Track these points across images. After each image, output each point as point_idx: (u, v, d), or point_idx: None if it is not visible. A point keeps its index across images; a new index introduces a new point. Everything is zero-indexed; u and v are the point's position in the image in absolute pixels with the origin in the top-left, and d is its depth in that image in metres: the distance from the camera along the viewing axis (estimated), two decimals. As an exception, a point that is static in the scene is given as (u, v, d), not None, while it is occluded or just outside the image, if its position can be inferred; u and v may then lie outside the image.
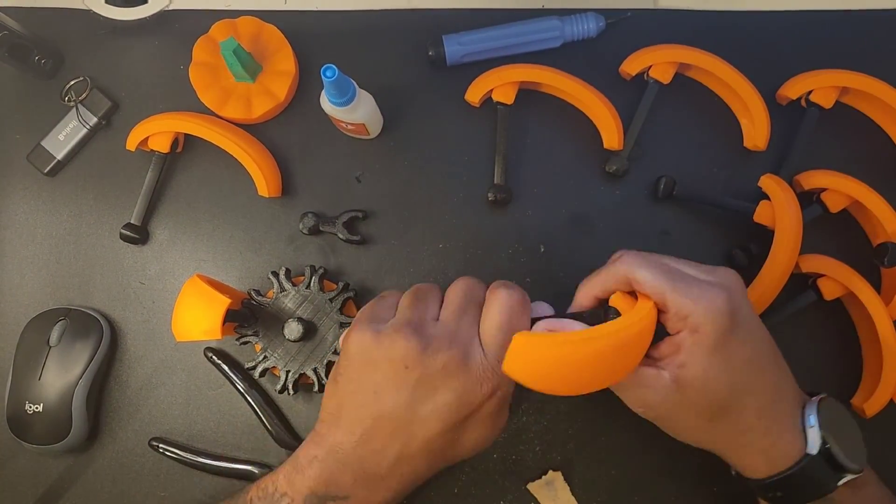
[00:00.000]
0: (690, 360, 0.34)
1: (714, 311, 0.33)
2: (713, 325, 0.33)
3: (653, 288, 0.34)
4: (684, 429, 0.38)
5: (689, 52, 0.49)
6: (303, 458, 0.37)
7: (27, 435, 0.47)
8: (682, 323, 0.34)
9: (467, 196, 0.51)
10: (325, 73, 0.42)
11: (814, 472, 0.36)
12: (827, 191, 0.48)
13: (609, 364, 0.34)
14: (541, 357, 0.33)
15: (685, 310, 0.34)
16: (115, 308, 0.51)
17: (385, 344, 0.36)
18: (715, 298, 0.34)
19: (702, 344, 0.34)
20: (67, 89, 0.53)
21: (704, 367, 0.34)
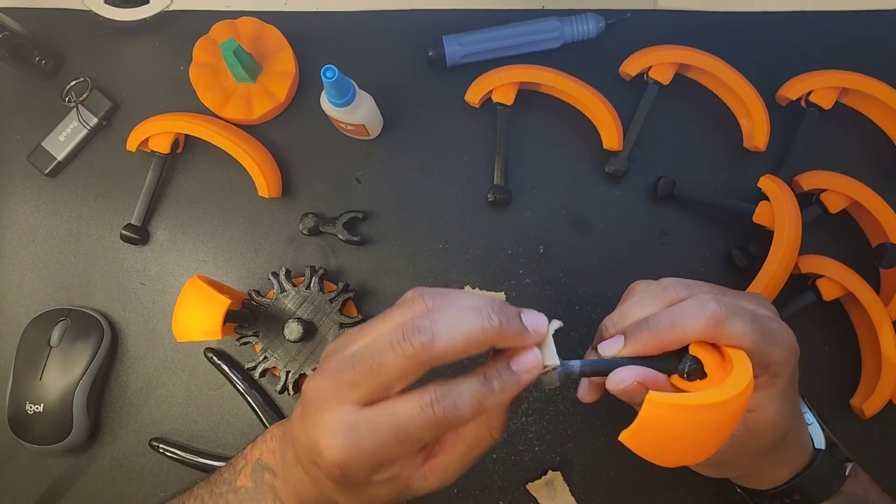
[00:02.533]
0: (765, 404, 0.33)
1: (792, 354, 0.33)
2: (790, 368, 0.33)
3: (747, 340, 0.30)
4: (733, 466, 0.37)
5: (689, 52, 0.49)
6: (271, 428, 0.37)
7: (28, 435, 0.48)
8: (763, 370, 0.32)
9: (467, 196, 0.51)
10: (325, 74, 0.42)
11: (826, 466, 0.37)
12: (826, 191, 0.48)
13: (725, 429, 0.30)
14: (667, 423, 0.28)
15: (770, 357, 0.31)
16: (116, 308, 0.51)
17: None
18: (790, 340, 0.32)
19: (778, 388, 0.33)
20: (68, 90, 0.53)
21: (777, 410, 0.33)
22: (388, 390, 0.28)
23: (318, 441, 0.28)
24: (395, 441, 0.28)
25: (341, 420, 0.28)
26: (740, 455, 0.35)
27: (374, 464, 0.29)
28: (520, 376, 0.29)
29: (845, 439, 0.47)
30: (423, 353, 0.27)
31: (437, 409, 0.28)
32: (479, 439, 0.31)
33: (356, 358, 0.29)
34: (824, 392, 0.48)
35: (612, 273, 0.50)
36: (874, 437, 0.47)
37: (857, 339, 0.49)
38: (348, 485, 0.30)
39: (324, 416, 0.29)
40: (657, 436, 0.29)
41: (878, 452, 0.48)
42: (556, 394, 0.49)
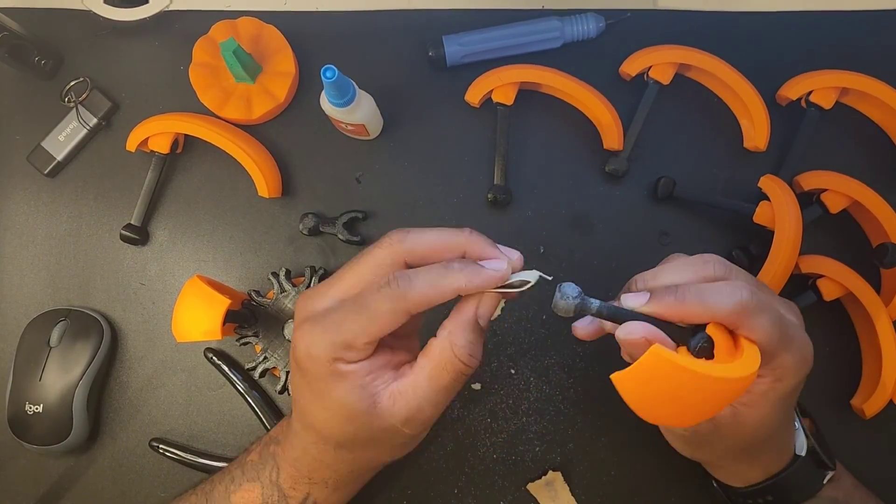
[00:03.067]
0: (760, 402, 0.33)
1: (803, 366, 0.33)
2: (797, 378, 0.33)
3: (769, 338, 0.30)
4: (713, 451, 0.37)
5: (689, 52, 0.49)
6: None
7: (28, 435, 0.48)
8: (770, 371, 0.32)
9: (467, 196, 0.51)
10: (325, 74, 0.42)
11: (803, 473, 0.37)
12: (827, 191, 0.48)
13: (715, 404, 0.31)
14: (662, 378, 0.29)
15: (780, 362, 0.32)
16: (116, 309, 0.51)
17: None
18: (807, 352, 0.33)
19: (778, 391, 0.33)
20: (67, 90, 0.53)
21: (769, 413, 0.33)
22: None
23: (294, 335, 0.31)
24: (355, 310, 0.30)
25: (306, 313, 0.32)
26: (719, 442, 0.35)
27: (336, 340, 0.30)
28: (485, 269, 0.30)
29: (845, 439, 0.48)
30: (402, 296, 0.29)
31: (392, 283, 0.30)
32: (444, 357, 0.31)
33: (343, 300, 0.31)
34: (824, 392, 0.48)
35: (612, 273, 0.50)
36: (874, 437, 0.47)
37: (857, 339, 0.49)
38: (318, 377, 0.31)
39: (298, 318, 0.32)
40: (647, 387, 0.30)
41: (878, 452, 0.48)
42: (557, 394, 0.49)
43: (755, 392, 0.32)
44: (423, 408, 0.31)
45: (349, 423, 0.32)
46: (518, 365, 0.49)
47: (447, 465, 0.48)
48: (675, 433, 0.38)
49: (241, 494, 0.37)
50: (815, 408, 0.48)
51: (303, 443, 0.35)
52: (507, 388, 0.49)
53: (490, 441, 0.48)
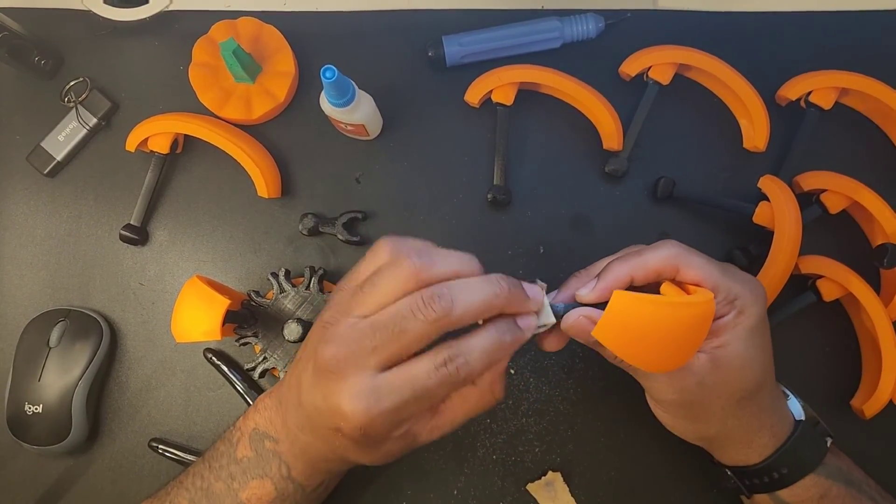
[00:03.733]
0: (732, 339, 0.35)
1: (759, 296, 0.36)
2: (758, 307, 0.35)
3: (706, 272, 0.34)
4: (711, 414, 0.37)
5: (689, 52, 0.49)
6: (260, 398, 0.39)
7: (27, 436, 0.47)
8: (730, 306, 0.35)
9: (467, 197, 0.51)
10: (325, 74, 0.42)
11: (809, 436, 0.38)
12: (826, 192, 0.48)
13: (684, 338, 0.33)
14: (634, 319, 0.32)
15: (734, 293, 0.35)
16: (115, 309, 0.51)
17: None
18: (758, 286, 0.36)
19: (745, 325, 0.35)
20: (67, 90, 0.53)
21: (744, 347, 0.35)
22: (406, 353, 0.30)
23: (341, 407, 0.30)
24: (414, 400, 0.30)
25: (363, 385, 0.30)
26: (713, 398, 0.36)
27: (394, 423, 0.31)
28: (524, 333, 0.33)
29: (845, 440, 0.47)
30: (444, 318, 0.30)
31: (451, 368, 0.30)
32: (482, 400, 0.33)
33: (375, 325, 0.30)
34: (824, 392, 0.48)
35: (612, 273, 0.50)
36: (875, 437, 0.47)
37: (857, 340, 0.49)
38: (368, 443, 0.32)
39: (345, 383, 0.30)
40: (624, 329, 0.32)
41: (878, 453, 0.47)
42: (557, 394, 0.49)
43: (723, 330, 0.35)
44: (454, 429, 0.34)
45: (390, 458, 0.34)
46: (518, 365, 0.49)
47: (447, 465, 0.48)
48: (672, 410, 0.39)
49: (252, 491, 0.37)
50: (814, 408, 0.48)
51: (322, 454, 0.36)
52: (507, 389, 0.49)
53: (490, 442, 0.48)
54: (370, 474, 0.48)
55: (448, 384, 0.30)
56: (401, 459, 0.41)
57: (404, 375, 0.30)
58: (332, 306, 0.33)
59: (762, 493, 0.39)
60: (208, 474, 0.38)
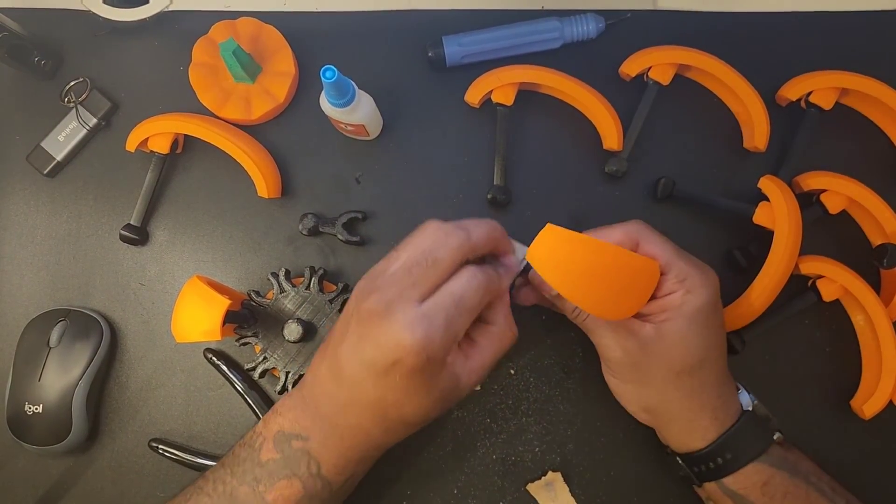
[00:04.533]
0: (676, 315, 0.38)
1: (709, 280, 0.39)
2: (706, 290, 0.38)
3: (661, 249, 0.39)
4: (651, 380, 0.40)
5: (689, 53, 0.49)
6: (279, 403, 0.40)
7: (27, 436, 0.47)
8: (679, 284, 0.38)
9: (467, 197, 0.51)
10: (325, 75, 0.42)
11: (753, 426, 0.40)
12: (826, 192, 0.48)
13: (622, 285, 0.37)
14: (566, 252, 0.36)
15: (685, 273, 0.38)
16: (115, 309, 0.51)
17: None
18: (710, 272, 0.40)
19: (691, 304, 0.38)
20: (67, 90, 0.53)
21: (688, 324, 0.38)
22: (441, 282, 0.35)
23: (400, 339, 0.33)
24: (458, 312, 0.34)
25: (414, 314, 0.33)
26: (653, 364, 0.39)
27: (448, 339, 0.34)
28: (512, 267, 0.39)
29: (845, 440, 0.48)
30: (466, 243, 0.36)
31: (481, 276, 0.36)
32: (504, 337, 0.38)
33: (409, 265, 0.35)
34: (824, 392, 0.48)
35: (611, 273, 0.50)
36: (875, 437, 0.47)
37: (857, 340, 0.49)
38: (428, 376, 0.34)
39: (394, 318, 0.33)
40: (553, 259, 0.36)
41: (878, 453, 0.48)
42: (557, 394, 0.49)
43: (670, 305, 0.38)
44: (486, 374, 0.38)
45: (442, 405, 0.37)
46: (517, 365, 0.49)
47: (447, 465, 0.48)
48: (618, 370, 0.41)
49: (279, 492, 0.37)
50: (814, 408, 0.48)
51: (367, 434, 0.37)
52: (507, 389, 0.49)
53: (490, 441, 0.48)
54: (370, 475, 0.48)
55: (481, 291, 0.35)
56: (401, 459, 0.41)
57: (445, 293, 0.34)
58: (366, 276, 0.37)
59: (710, 481, 0.40)
60: (230, 479, 0.38)
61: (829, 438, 0.47)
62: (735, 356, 0.47)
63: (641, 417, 0.43)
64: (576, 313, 0.41)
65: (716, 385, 0.40)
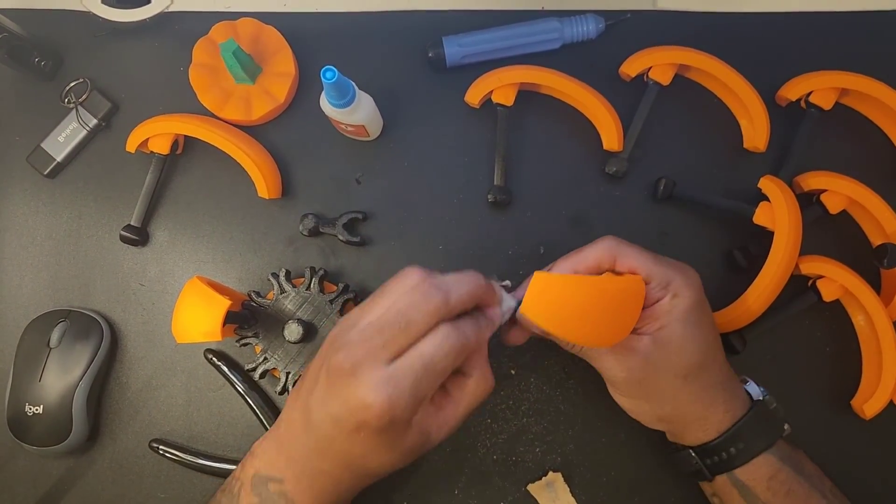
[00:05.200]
0: (670, 321, 0.38)
1: (692, 280, 0.39)
2: (691, 290, 0.38)
3: (639, 261, 0.39)
4: (661, 391, 0.40)
5: (689, 53, 0.49)
6: (256, 446, 0.40)
7: (27, 436, 0.47)
8: (664, 290, 0.38)
9: (467, 197, 0.51)
10: (325, 75, 0.42)
11: (764, 416, 0.40)
12: (826, 192, 0.48)
13: (615, 311, 0.37)
14: (558, 296, 0.36)
15: (667, 278, 0.38)
16: (115, 309, 0.51)
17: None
18: (690, 271, 0.40)
19: (681, 307, 0.38)
20: (67, 91, 0.53)
21: (682, 327, 0.38)
22: (412, 343, 0.33)
23: (364, 399, 0.32)
24: (426, 374, 0.33)
25: (380, 375, 0.32)
26: (660, 375, 0.39)
27: (415, 401, 0.33)
28: (495, 320, 0.38)
29: (845, 440, 0.47)
30: (444, 307, 0.34)
31: (454, 337, 0.34)
32: (479, 387, 0.36)
33: (381, 324, 0.33)
34: (824, 392, 0.48)
35: (612, 274, 0.50)
36: (875, 437, 0.47)
37: (857, 340, 0.49)
38: (392, 436, 0.34)
39: (363, 379, 0.32)
40: (547, 305, 0.35)
41: (878, 453, 0.48)
42: (557, 395, 0.49)
43: (660, 313, 0.38)
44: (458, 428, 0.37)
45: (410, 457, 0.36)
46: (518, 366, 0.49)
47: (447, 465, 0.48)
48: (625, 390, 0.41)
49: None
50: (815, 408, 0.48)
51: (335, 480, 0.37)
52: (507, 389, 0.49)
53: (490, 442, 0.48)
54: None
55: (452, 354, 0.33)
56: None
57: (415, 355, 0.33)
58: (340, 323, 0.36)
59: (721, 474, 0.40)
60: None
61: (829, 438, 0.47)
62: (736, 356, 0.48)
63: (658, 427, 0.43)
64: (572, 346, 0.41)
65: (721, 379, 0.40)
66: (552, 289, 0.36)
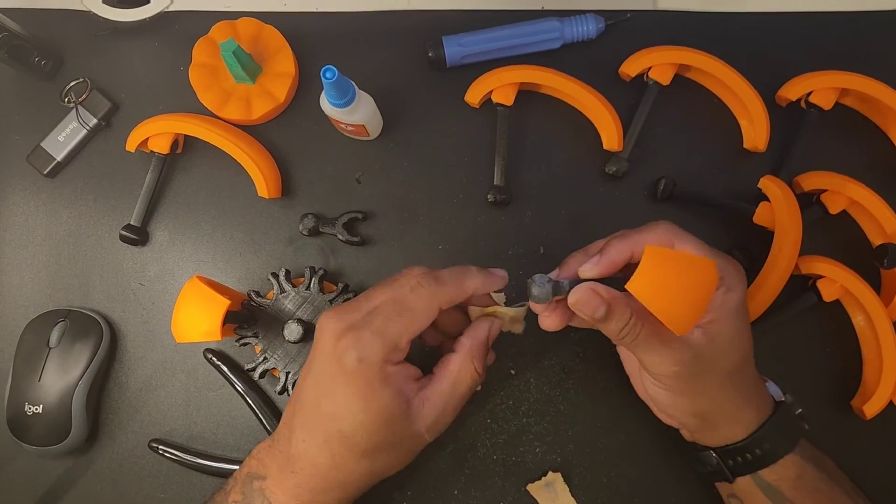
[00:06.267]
0: (721, 315, 0.37)
1: (740, 274, 0.38)
2: (742, 285, 0.38)
3: (699, 249, 0.37)
4: (705, 387, 0.38)
5: (689, 53, 0.49)
6: (254, 449, 0.40)
7: (27, 436, 0.47)
8: (719, 281, 0.37)
9: (467, 197, 0.51)
10: (325, 75, 0.42)
11: (789, 417, 0.41)
12: (826, 192, 0.48)
13: (700, 297, 0.35)
14: (666, 272, 0.34)
15: (722, 270, 0.37)
16: (115, 309, 0.51)
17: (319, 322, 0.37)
18: (738, 265, 0.38)
19: (733, 301, 0.37)
20: (67, 90, 0.53)
21: (733, 322, 0.37)
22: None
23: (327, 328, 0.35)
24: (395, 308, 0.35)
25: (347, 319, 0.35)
26: (707, 371, 0.37)
27: (381, 342, 0.34)
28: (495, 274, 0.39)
29: (846, 440, 0.47)
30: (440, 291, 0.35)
31: (426, 285, 0.35)
32: (464, 368, 0.37)
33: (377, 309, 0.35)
34: (824, 392, 0.48)
35: (612, 274, 0.50)
36: (875, 437, 0.47)
37: (857, 340, 0.49)
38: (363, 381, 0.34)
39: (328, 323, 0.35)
40: (655, 282, 0.33)
41: (878, 453, 0.48)
42: (557, 395, 0.49)
43: (714, 306, 0.37)
44: (445, 412, 0.36)
45: (386, 426, 0.35)
46: (518, 365, 0.49)
47: (447, 465, 0.48)
48: (671, 384, 0.39)
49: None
50: (815, 408, 0.48)
51: (313, 463, 0.36)
52: (507, 389, 0.49)
53: (490, 442, 0.48)
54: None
55: (425, 298, 0.35)
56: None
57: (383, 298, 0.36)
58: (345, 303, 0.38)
59: (744, 475, 0.40)
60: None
61: (829, 438, 0.47)
62: (735, 356, 0.48)
63: (688, 422, 0.41)
64: (623, 333, 0.37)
65: (754, 377, 0.40)
66: (665, 264, 0.34)
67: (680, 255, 0.35)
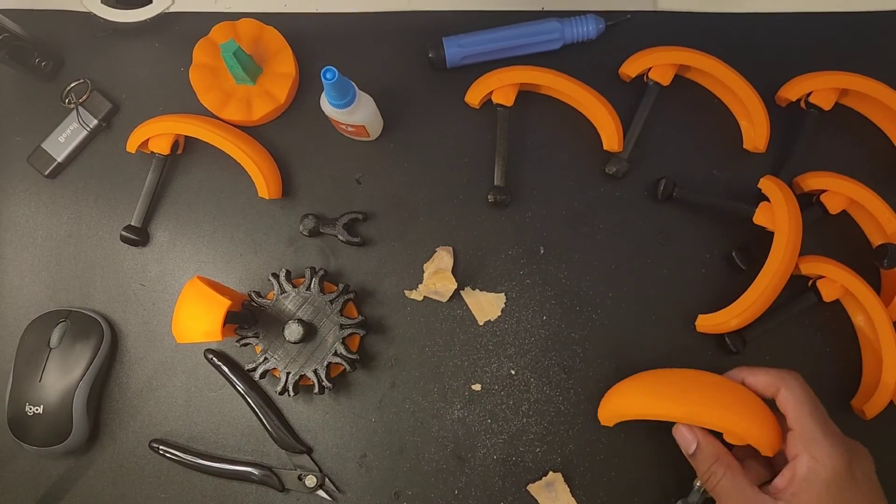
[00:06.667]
0: (804, 489, 0.36)
1: (837, 451, 0.37)
2: (832, 460, 0.36)
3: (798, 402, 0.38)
4: None
5: (689, 53, 0.49)
6: None
7: (27, 436, 0.47)
8: (804, 446, 0.37)
9: (467, 197, 0.51)
10: (325, 76, 0.42)
11: None
12: (826, 192, 0.48)
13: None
14: None
15: (812, 434, 0.37)
16: (116, 310, 0.51)
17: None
18: (841, 444, 0.37)
19: (819, 475, 0.36)
20: (68, 91, 0.53)
21: (817, 500, 0.36)
22: None
23: None
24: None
25: None
26: None
27: None
28: None
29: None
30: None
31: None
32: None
33: None
34: (825, 392, 0.48)
35: (612, 274, 0.50)
36: (875, 437, 0.47)
37: (857, 340, 0.49)
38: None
39: None
40: None
41: (878, 453, 0.47)
42: (557, 395, 0.49)
43: (797, 479, 0.36)
44: None
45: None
46: (518, 365, 0.49)
47: (447, 465, 0.48)
48: None
49: None
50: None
51: None
52: (508, 389, 0.49)
53: (490, 442, 0.48)
54: (371, 475, 0.48)
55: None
56: (401, 459, 0.40)
57: None
58: None
59: None
60: None
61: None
62: (735, 356, 0.48)
63: None
64: (709, 474, 0.40)
65: None
66: None
67: None
